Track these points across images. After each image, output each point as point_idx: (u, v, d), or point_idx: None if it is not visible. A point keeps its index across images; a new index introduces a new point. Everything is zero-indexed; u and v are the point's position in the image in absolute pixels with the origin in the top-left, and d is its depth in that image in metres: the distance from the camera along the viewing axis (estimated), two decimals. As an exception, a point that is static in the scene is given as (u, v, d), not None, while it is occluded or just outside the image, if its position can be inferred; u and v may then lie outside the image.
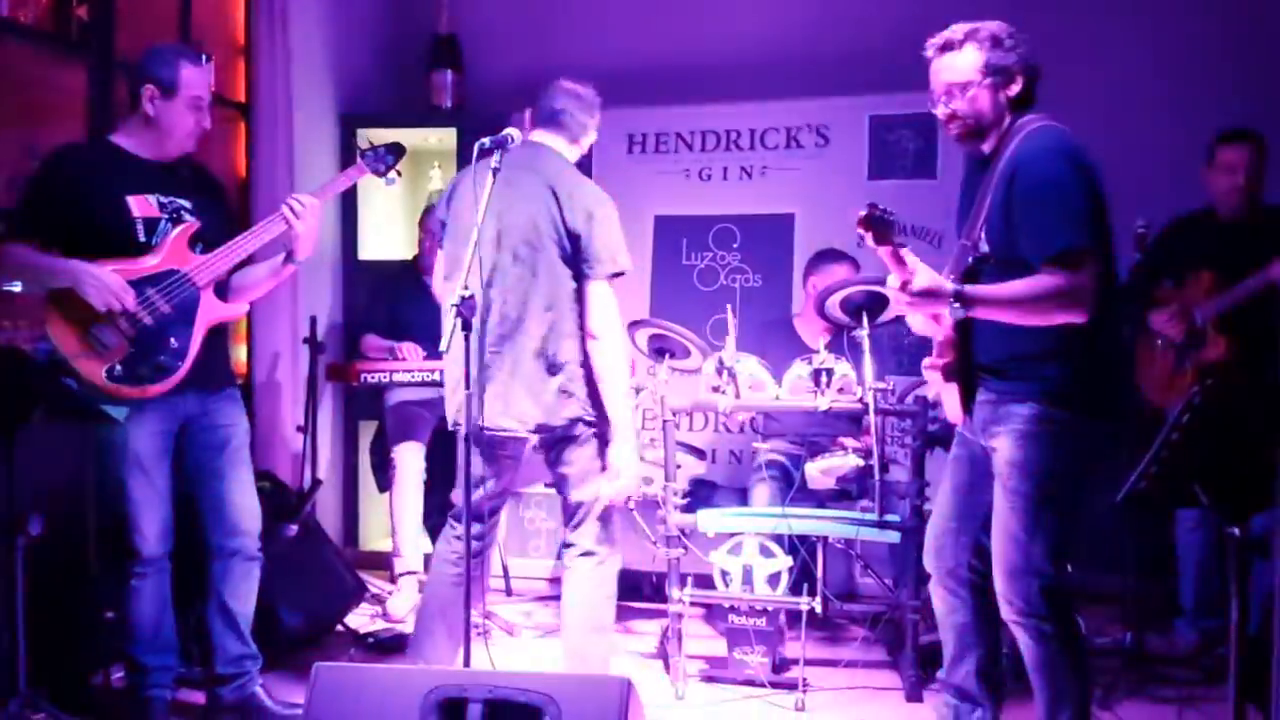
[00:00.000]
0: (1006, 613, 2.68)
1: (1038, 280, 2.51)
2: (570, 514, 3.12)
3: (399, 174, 3.28)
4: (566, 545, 3.13)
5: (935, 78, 2.70)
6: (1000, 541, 2.66)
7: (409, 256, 4.85)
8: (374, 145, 3.29)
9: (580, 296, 3.02)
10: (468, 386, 2.72)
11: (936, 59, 2.69)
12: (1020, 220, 2.56)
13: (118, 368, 2.89)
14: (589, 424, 3.05)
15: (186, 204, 3.04)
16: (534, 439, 3.07)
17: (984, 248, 2.65)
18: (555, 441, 3.07)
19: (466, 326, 2.67)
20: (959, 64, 2.65)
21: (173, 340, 2.95)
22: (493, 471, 3.13)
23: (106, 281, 2.84)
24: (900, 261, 2.53)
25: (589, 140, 3.22)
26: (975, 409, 2.74)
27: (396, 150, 3.26)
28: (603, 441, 3.07)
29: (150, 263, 2.94)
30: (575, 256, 3.00)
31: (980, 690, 2.87)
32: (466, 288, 2.66)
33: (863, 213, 2.48)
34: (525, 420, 3.02)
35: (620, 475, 3.03)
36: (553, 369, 3.01)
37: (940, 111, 2.70)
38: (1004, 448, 2.64)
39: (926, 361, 2.84)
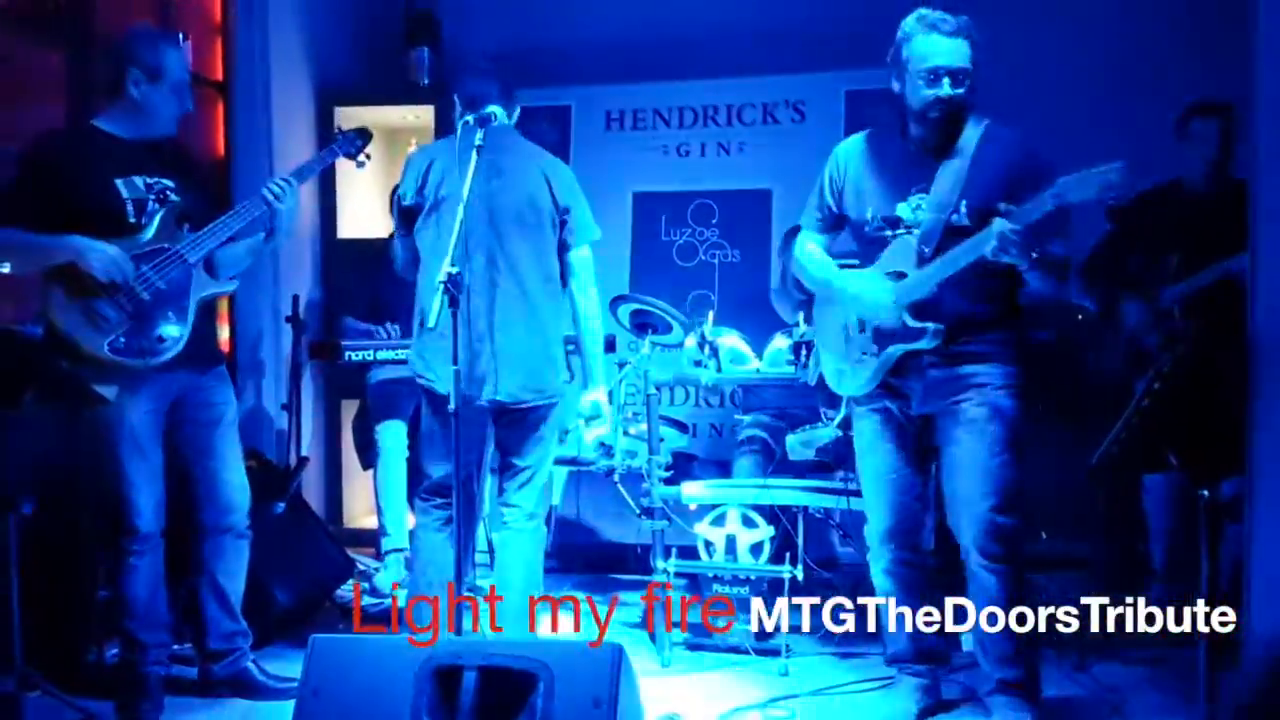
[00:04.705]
0: (977, 560, 2.81)
1: None
2: (516, 475, 3.24)
3: (368, 157, 3.46)
4: (507, 506, 3.25)
5: (950, 55, 2.71)
6: (975, 489, 2.79)
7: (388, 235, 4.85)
8: (343, 131, 3.45)
9: (563, 266, 3.22)
10: (455, 361, 2.76)
11: (952, 38, 2.71)
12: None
13: (120, 339, 2.94)
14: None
15: (170, 184, 3.08)
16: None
17: (962, 221, 2.75)
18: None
19: (454, 304, 2.71)
20: (966, 52, 2.72)
21: (170, 314, 3.01)
22: (469, 444, 3.19)
23: (109, 253, 2.90)
24: None
25: None
26: (924, 378, 2.86)
27: (364, 135, 3.43)
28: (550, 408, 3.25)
29: (142, 240, 2.98)
30: (562, 229, 3.20)
31: (943, 644, 3.08)
32: (454, 264, 2.70)
33: None
34: (543, 390, 3.18)
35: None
36: (551, 342, 3.18)
37: (946, 91, 2.73)
38: (981, 398, 2.80)
39: None
